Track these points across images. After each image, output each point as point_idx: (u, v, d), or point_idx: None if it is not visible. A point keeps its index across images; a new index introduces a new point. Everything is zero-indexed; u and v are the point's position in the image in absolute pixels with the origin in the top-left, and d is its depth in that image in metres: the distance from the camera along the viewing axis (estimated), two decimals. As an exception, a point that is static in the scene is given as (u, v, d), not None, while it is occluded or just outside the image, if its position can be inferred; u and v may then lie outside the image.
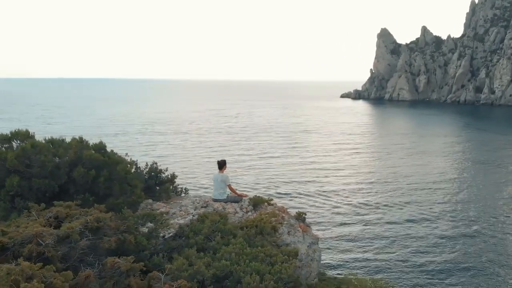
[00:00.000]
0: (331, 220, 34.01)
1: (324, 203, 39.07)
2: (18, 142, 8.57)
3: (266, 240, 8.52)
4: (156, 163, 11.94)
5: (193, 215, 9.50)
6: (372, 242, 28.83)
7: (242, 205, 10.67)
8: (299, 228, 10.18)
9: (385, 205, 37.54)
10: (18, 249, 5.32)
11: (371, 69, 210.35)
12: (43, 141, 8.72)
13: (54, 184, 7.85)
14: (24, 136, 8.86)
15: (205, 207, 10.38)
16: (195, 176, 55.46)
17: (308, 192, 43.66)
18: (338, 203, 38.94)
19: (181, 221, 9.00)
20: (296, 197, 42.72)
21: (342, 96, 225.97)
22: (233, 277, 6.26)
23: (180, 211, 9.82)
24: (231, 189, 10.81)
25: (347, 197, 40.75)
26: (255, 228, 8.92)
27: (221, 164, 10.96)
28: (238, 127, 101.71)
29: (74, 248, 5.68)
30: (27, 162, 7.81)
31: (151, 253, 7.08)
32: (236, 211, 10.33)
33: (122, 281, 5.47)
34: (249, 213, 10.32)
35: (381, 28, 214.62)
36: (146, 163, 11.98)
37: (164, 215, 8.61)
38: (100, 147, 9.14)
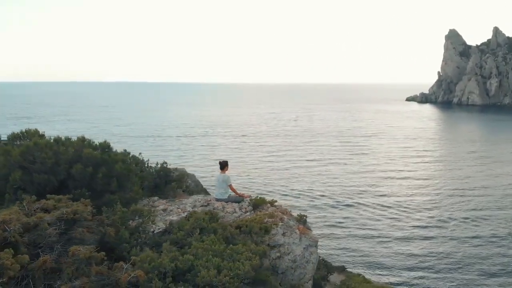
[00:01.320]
0: (389, 235, 32.38)
1: (383, 215, 37.72)
2: (28, 140, 9.48)
3: (252, 239, 8.73)
4: (166, 163, 12.52)
5: (187, 213, 9.91)
6: (435, 262, 26.66)
7: (242, 205, 10.96)
8: (297, 230, 10.26)
9: (451, 219, 35.11)
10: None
11: (438, 72, 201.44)
12: (51, 140, 9.57)
13: (53, 179, 8.62)
14: (33, 135, 9.79)
15: (205, 206, 10.77)
16: (251, 180, 56.16)
17: (367, 201, 42.55)
18: (400, 215, 37.25)
19: (174, 218, 9.45)
20: (352, 206, 41.88)
21: (408, 99, 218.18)
22: (194, 271, 6.58)
23: (178, 208, 10.29)
24: (232, 189, 11.14)
25: (409, 208, 38.98)
26: (244, 227, 9.16)
27: (223, 165, 11.33)
28: (297, 131, 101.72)
29: (42, 236, 6.29)
30: (31, 158, 8.66)
31: (132, 246, 7.58)
32: (235, 211, 10.62)
33: (82, 267, 5.99)
34: (248, 213, 10.57)
35: (450, 29, 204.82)
36: (157, 162, 12.59)
37: (154, 211, 9.11)
38: (104, 146, 9.83)
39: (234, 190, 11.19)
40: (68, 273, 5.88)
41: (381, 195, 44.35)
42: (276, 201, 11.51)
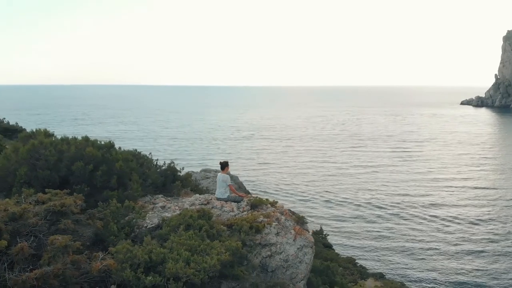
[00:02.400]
0: (438, 247, 31.37)
1: (433, 226, 36.57)
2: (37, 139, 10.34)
3: (240, 237, 9.05)
4: (173, 163, 13.07)
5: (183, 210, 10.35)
6: (487, 279, 25.45)
7: (240, 205, 11.27)
8: (292, 231, 10.45)
9: (509, 234, 33.46)
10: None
11: (495, 74, 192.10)
12: (58, 139, 10.36)
13: (55, 175, 9.36)
14: (42, 134, 10.63)
15: (205, 204, 11.18)
16: (294, 185, 56.06)
17: (416, 211, 41.49)
18: (451, 227, 35.88)
19: (169, 215, 9.92)
20: (399, 215, 40.97)
21: (462, 103, 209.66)
22: (165, 263, 7.00)
23: (175, 206, 10.76)
24: (231, 189, 11.47)
25: (461, 220, 37.44)
26: (235, 225, 9.50)
27: (223, 165, 11.71)
28: (344, 134, 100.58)
29: (26, 225, 6.94)
30: (36, 155, 9.45)
31: (121, 238, 8.12)
32: (233, 210, 10.95)
33: (58, 255, 6.57)
34: (244, 213, 10.87)
35: (508, 30, 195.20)
36: (164, 161, 13.16)
37: (145, 208, 9.64)
38: (108, 146, 10.50)
39: (233, 190, 11.53)
40: (45, 259, 6.48)
41: (431, 205, 43.01)
42: (277, 202, 11.74)
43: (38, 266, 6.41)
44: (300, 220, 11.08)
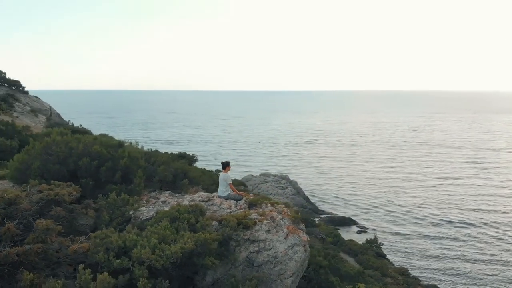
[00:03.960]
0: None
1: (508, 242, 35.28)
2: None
3: (224, 232, 9.76)
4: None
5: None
6: None
7: (239, 203, 11.93)
8: (285, 229, 10.93)
9: None
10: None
11: None
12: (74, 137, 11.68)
13: (64, 169, 10.60)
14: (55, 133, 11.97)
15: (206, 201, 11.97)
16: (354, 194, 55.38)
17: (489, 225, 39.91)
18: None
19: (167, 209, 10.81)
20: (469, 227, 39.56)
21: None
22: (136, 249, 7.86)
23: (175, 201, 11.63)
24: (231, 187, 12.16)
25: None
26: (224, 221, 10.22)
27: (224, 165, 12.44)
28: (414, 142, 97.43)
29: (17, 210, 8.11)
30: (50, 151, 10.76)
31: (112, 226, 9.14)
32: (230, 207, 11.64)
33: (41, 236, 7.65)
34: (241, 210, 11.52)
35: None
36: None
37: (139, 201, 10.63)
38: (116, 145, 11.65)
39: (233, 189, 12.23)
40: (29, 239, 7.60)
41: (507, 219, 41.19)
42: (277, 202, 12.29)
43: (23, 244, 7.54)
44: (296, 220, 11.51)
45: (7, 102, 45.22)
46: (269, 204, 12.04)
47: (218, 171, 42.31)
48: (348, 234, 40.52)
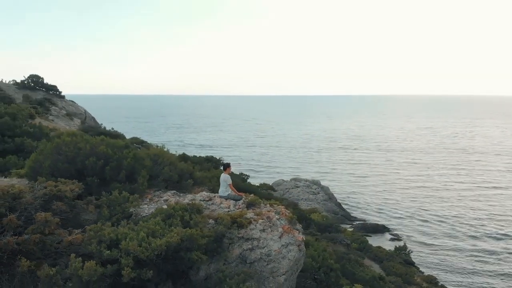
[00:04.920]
0: None
1: None
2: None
3: (217, 229, 10.37)
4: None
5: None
6: None
7: (237, 203, 12.51)
8: (280, 229, 11.42)
9: None
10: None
11: None
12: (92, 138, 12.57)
13: (72, 168, 11.49)
14: (65, 135, 12.91)
15: (206, 200, 12.60)
16: (388, 202, 54.78)
17: None
18: None
19: (165, 207, 11.49)
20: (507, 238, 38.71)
21: None
22: (124, 241, 8.57)
23: (177, 200, 12.31)
24: (231, 188, 12.75)
25: None
26: (219, 219, 10.84)
27: (225, 166, 13.07)
28: (454, 148, 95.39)
29: (20, 203, 8.97)
30: (60, 151, 11.69)
31: (111, 221, 9.90)
32: (229, 207, 12.23)
33: (40, 227, 8.47)
34: (239, 209, 12.09)
35: None
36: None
37: (138, 199, 11.38)
38: (121, 146, 12.47)
39: (233, 189, 12.83)
40: (28, 230, 8.43)
41: None
42: (276, 203, 12.80)
43: (23, 234, 8.39)
44: (292, 220, 11.96)
45: (44, 106, 47.43)
46: (268, 205, 12.56)
47: (244, 175, 42.85)
48: (381, 241, 40.46)
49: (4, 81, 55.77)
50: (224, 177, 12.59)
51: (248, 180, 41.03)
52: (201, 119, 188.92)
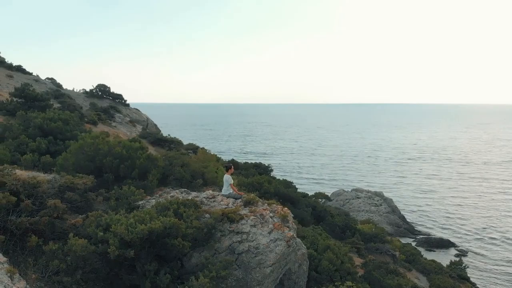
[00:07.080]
0: None
1: None
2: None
3: (207, 221, 11.97)
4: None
5: (181, 200, 13.54)
6: None
7: (236, 201, 14.00)
8: (271, 225, 12.77)
9: None
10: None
11: None
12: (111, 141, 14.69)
13: (92, 165, 13.60)
14: (88, 137, 15.06)
15: (210, 198, 14.20)
16: (459, 219, 53.52)
17: None
18: None
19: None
20: None
21: None
22: (114, 225, 10.38)
23: (182, 196, 13.99)
24: (232, 187, 14.25)
25: None
26: (212, 213, 12.42)
27: (227, 167, 14.66)
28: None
29: (38, 192, 11.06)
30: (83, 151, 13.85)
31: (116, 212, 11.78)
32: (228, 204, 13.76)
33: (49, 212, 10.48)
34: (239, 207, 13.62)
35: None
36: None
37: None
38: (136, 148, 14.45)
39: (233, 189, 14.34)
40: (41, 214, 10.50)
41: None
42: (274, 203, 14.19)
43: (35, 216, 10.48)
44: (284, 218, 13.22)
45: (108, 113, 51.52)
46: (265, 204, 13.93)
47: (289, 181, 44.02)
48: (445, 257, 40.11)
49: (75, 90, 61.19)
50: (226, 178, 14.16)
51: (301, 189, 42.26)
52: (263, 127, 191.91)
